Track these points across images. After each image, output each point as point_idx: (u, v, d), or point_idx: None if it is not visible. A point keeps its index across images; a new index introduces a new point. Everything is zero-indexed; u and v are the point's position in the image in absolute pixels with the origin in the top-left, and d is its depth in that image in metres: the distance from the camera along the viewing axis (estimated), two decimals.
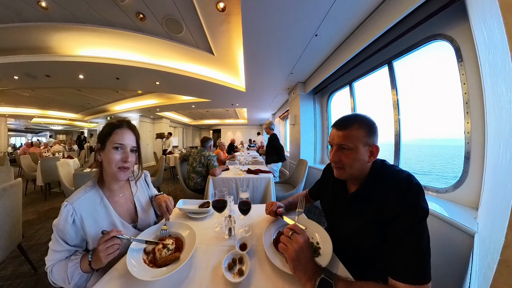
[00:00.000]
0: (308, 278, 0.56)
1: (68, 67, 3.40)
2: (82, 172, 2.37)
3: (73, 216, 0.69)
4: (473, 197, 1.26)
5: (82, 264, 0.67)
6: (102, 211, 0.77)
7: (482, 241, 0.81)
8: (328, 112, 3.60)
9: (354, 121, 0.69)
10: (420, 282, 0.50)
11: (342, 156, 0.69)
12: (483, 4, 0.83)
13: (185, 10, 2.30)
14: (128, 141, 0.79)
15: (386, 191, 0.64)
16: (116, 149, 0.76)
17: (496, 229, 0.56)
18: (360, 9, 1.70)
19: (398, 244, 0.56)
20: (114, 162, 0.75)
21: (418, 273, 0.51)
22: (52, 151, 5.88)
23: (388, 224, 0.60)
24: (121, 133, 0.78)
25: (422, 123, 2.73)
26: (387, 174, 0.69)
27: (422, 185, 0.65)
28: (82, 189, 0.77)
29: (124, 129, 0.80)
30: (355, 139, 0.66)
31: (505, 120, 0.61)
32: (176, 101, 6.68)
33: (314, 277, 0.56)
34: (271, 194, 2.24)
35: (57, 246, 0.68)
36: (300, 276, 0.57)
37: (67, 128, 14.23)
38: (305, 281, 0.56)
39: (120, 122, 0.81)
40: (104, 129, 0.80)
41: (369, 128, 0.68)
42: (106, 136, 0.77)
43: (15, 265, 1.77)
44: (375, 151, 0.68)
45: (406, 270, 0.52)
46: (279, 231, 0.87)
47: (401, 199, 0.58)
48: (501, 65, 0.59)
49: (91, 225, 0.73)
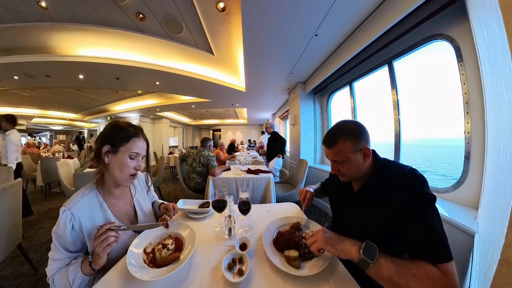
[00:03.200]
0: (351, 244, 0.58)
1: (68, 67, 3.39)
2: (82, 172, 2.37)
3: (71, 221, 0.68)
4: (473, 197, 1.26)
5: (83, 267, 0.66)
6: (100, 214, 0.76)
7: (482, 241, 0.81)
8: (328, 112, 3.60)
9: (338, 135, 0.72)
10: (446, 259, 0.51)
11: (339, 167, 0.75)
12: (483, 4, 0.83)
13: (185, 10, 2.30)
14: (143, 150, 0.80)
15: (392, 185, 0.67)
16: (132, 158, 0.76)
17: (496, 229, 0.56)
18: (360, 9, 1.70)
19: (416, 229, 0.57)
20: (127, 170, 0.76)
21: (442, 252, 0.52)
22: (52, 151, 5.88)
23: (397, 215, 0.62)
24: (138, 143, 0.78)
25: (422, 123, 2.74)
26: (390, 170, 0.72)
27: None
28: (80, 193, 0.75)
29: (140, 138, 0.80)
30: (344, 153, 0.71)
31: (505, 119, 0.61)
32: (176, 101, 6.68)
33: (358, 243, 0.58)
34: (271, 194, 2.24)
35: (57, 254, 0.67)
36: (342, 247, 0.58)
37: (67, 128, 14.23)
38: (349, 248, 0.57)
39: (136, 130, 0.80)
40: (117, 132, 0.77)
41: (354, 135, 0.70)
42: (120, 141, 0.75)
43: (15, 265, 1.77)
44: (368, 152, 0.71)
45: (430, 251, 0.53)
46: (279, 231, 0.87)
47: (409, 190, 0.62)
48: (501, 65, 0.59)
49: (90, 228, 0.72)
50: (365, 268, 0.53)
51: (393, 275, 0.49)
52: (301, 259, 0.70)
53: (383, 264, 0.51)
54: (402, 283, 0.48)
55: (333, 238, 0.61)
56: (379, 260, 0.52)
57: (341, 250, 0.58)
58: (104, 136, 0.76)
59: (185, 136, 13.91)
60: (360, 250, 0.54)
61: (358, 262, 0.54)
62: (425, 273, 0.48)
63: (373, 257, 0.52)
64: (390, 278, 0.50)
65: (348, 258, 0.57)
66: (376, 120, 2.64)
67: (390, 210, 0.64)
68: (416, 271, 0.49)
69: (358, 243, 0.58)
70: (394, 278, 0.49)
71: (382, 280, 0.51)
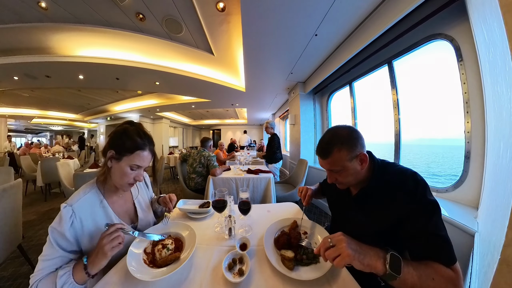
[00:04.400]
0: (376, 257, 0.53)
1: (68, 67, 3.40)
2: (82, 172, 2.37)
3: (72, 218, 0.67)
4: (473, 196, 1.26)
5: (75, 272, 0.59)
6: (100, 212, 0.76)
7: (482, 240, 0.81)
8: (328, 112, 3.60)
9: (332, 145, 0.69)
10: (455, 261, 0.54)
11: (336, 176, 0.74)
12: (483, 4, 0.82)
13: (185, 10, 2.30)
14: (145, 163, 0.79)
15: (393, 190, 0.66)
16: (133, 170, 0.76)
17: (496, 228, 0.56)
18: (360, 9, 1.70)
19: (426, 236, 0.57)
20: (127, 179, 0.76)
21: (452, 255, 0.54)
22: (52, 152, 5.88)
23: (399, 221, 0.62)
24: (142, 156, 0.76)
25: (422, 123, 2.74)
26: (390, 173, 0.71)
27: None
28: (82, 191, 0.75)
29: (146, 152, 0.78)
30: (339, 162, 0.69)
31: (505, 119, 0.61)
32: (176, 101, 6.69)
33: (381, 255, 0.53)
34: (271, 194, 2.24)
35: (50, 252, 0.63)
36: (369, 262, 0.52)
37: (67, 128, 14.23)
38: (375, 263, 0.52)
39: (144, 142, 0.77)
40: (125, 140, 0.75)
41: (349, 143, 0.68)
42: (125, 151, 0.74)
43: (16, 266, 1.77)
44: (364, 158, 0.69)
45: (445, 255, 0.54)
46: (282, 230, 0.87)
47: (411, 199, 0.61)
48: (501, 65, 0.59)
49: (90, 226, 0.72)
50: (389, 281, 0.51)
51: (416, 283, 0.50)
52: (297, 263, 0.69)
53: (407, 274, 0.50)
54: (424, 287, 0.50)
55: (359, 251, 0.53)
56: (403, 271, 0.50)
57: (368, 265, 0.52)
58: (112, 140, 0.76)
59: (185, 136, 13.91)
60: (386, 265, 0.51)
61: (383, 276, 0.51)
62: (442, 276, 0.51)
63: (399, 271, 0.50)
64: (413, 285, 0.50)
65: (372, 271, 0.52)
66: (376, 120, 2.62)
67: (391, 215, 0.64)
68: (435, 275, 0.51)
69: (381, 254, 0.53)
70: (417, 285, 0.50)
71: (405, 287, 0.51)
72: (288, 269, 0.65)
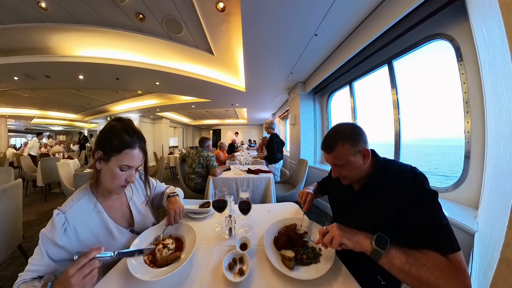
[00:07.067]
0: (365, 236, 0.59)
1: (68, 67, 3.39)
2: (82, 172, 2.37)
3: (65, 225, 0.64)
4: (473, 196, 1.26)
5: None
6: (96, 217, 0.73)
7: (482, 240, 0.81)
8: (328, 111, 3.60)
9: (336, 139, 0.72)
10: (454, 250, 0.52)
11: (340, 171, 0.76)
12: (483, 4, 0.83)
13: (185, 10, 2.30)
14: (136, 163, 0.73)
15: (393, 184, 0.68)
16: (122, 170, 0.71)
17: (496, 228, 0.56)
18: (360, 9, 1.70)
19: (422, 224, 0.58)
20: (118, 181, 0.71)
21: (449, 243, 0.53)
22: (52, 152, 5.88)
23: (399, 213, 0.63)
24: (131, 155, 0.70)
25: (422, 123, 2.74)
26: (391, 169, 0.73)
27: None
28: (75, 197, 0.72)
29: (135, 150, 0.72)
30: (343, 156, 0.71)
31: (505, 119, 0.61)
32: (176, 101, 6.68)
33: (368, 235, 0.59)
34: (272, 194, 2.24)
35: (37, 258, 0.60)
36: (357, 239, 0.59)
37: (67, 128, 14.23)
38: (363, 240, 0.58)
39: (132, 139, 0.71)
40: (112, 139, 0.69)
41: (352, 138, 0.71)
42: (113, 151, 0.68)
43: (16, 266, 1.77)
44: (367, 153, 0.72)
45: (439, 243, 0.54)
46: (281, 230, 0.88)
47: (410, 189, 0.63)
48: (501, 65, 0.59)
49: (86, 233, 0.69)
50: (377, 259, 0.54)
51: (404, 265, 0.51)
52: (297, 263, 0.69)
53: (394, 254, 0.53)
54: (413, 272, 0.50)
55: (348, 231, 0.61)
56: (390, 251, 0.54)
57: (357, 242, 0.58)
58: (99, 140, 0.71)
59: (185, 136, 13.91)
60: (373, 242, 0.56)
61: (371, 253, 0.56)
62: (434, 263, 0.50)
63: (385, 247, 0.54)
64: (402, 267, 0.51)
65: (362, 250, 0.58)
66: (376, 119, 2.63)
67: (392, 208, 0.65)
68: (426, 261, 0.51)
69: (370, 235, 0.59)
70: (405, 268, 0.51)
71: (395, 270, 0.52)
72: (288, 269, 0.66)
